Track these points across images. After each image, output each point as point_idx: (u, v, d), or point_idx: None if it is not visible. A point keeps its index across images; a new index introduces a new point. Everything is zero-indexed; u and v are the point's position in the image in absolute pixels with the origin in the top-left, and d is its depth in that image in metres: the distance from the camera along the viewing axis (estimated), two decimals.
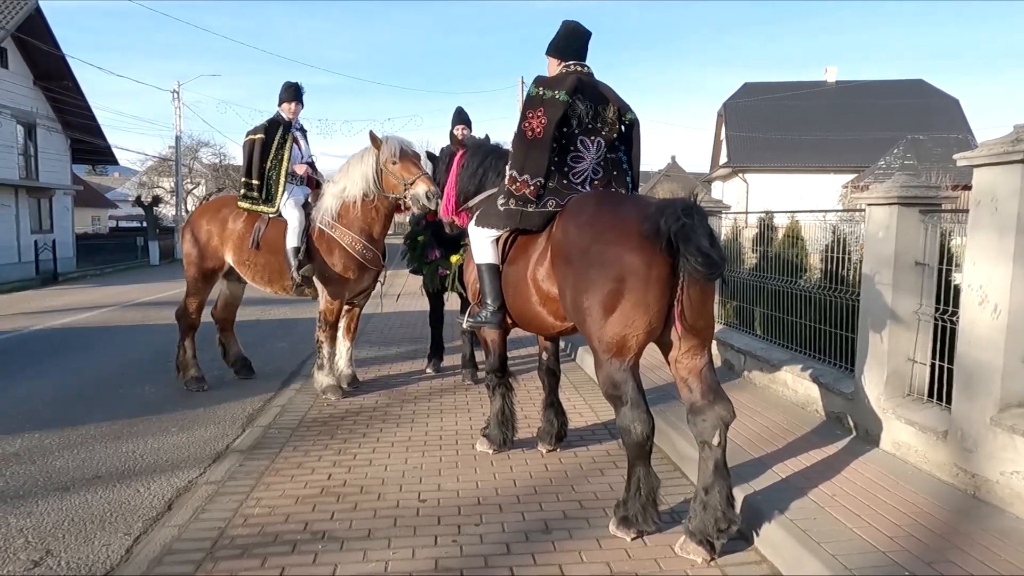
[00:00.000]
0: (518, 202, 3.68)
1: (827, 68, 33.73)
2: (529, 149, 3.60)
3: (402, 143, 5.35)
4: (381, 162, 5.34)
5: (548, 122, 3.55)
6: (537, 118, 3.57)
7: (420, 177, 5.22)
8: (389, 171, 5.33)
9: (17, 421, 5.17)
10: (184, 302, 6.06)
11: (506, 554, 3.07)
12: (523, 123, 3.63)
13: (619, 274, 3.01)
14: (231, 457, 4.31)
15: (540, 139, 3.57)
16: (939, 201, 3.84)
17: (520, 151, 3.63)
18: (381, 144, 5.32)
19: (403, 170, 5.27)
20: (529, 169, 3.59)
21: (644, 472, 3.12)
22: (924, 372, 3.84)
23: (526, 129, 3.60)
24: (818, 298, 4.91)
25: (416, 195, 5.21)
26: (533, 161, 3.59)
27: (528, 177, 3.60)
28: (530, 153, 3.60)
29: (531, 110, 3.61)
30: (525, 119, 3.62)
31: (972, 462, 3.27)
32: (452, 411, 5.30)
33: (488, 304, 4.03)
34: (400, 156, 5.27)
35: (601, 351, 3.12)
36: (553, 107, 3.57)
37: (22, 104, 22.41)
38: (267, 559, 3.02)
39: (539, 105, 3.60)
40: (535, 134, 3.58)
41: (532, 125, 3.58)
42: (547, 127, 3.55)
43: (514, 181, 3.63)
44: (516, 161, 3.65)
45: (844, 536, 2.91)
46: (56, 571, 2.98)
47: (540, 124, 3.56)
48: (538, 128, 3.57)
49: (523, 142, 3.62)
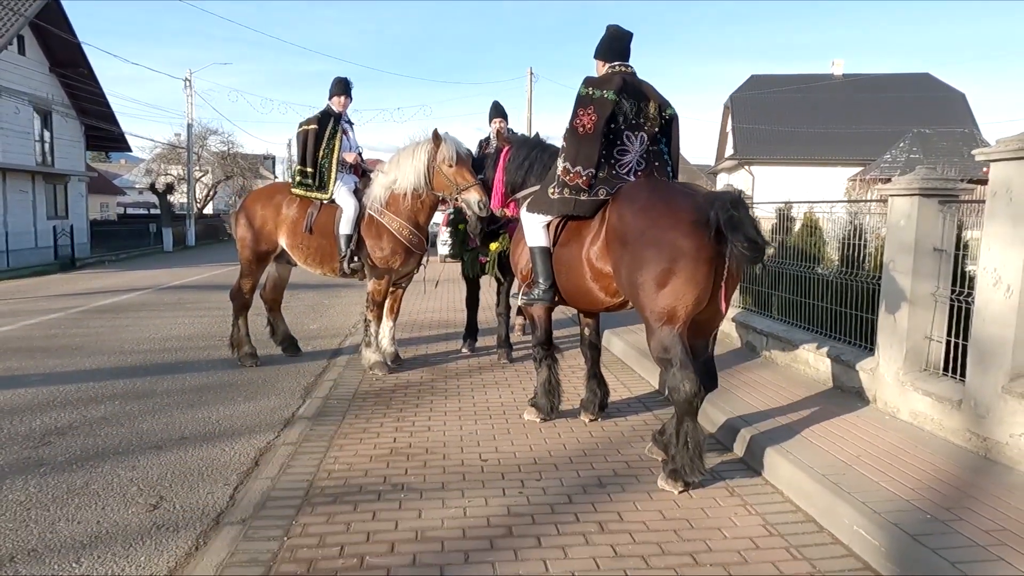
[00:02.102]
0: (571, 191, 4.05)
1: (834, 61, 33.92)
2: (580, 143, 3.98)
3: (459, 146, 5.59)
4: (437, 161, 5.57)
5: (598, 119, 3.94)
6: (588, 115, 3.95)
7: (474, 185, 5.46)
8: (443, 172, 5.55)
9: (94, 390, 5.56)
10: (238, 283, 6.42)
11: (568, 503, 3.46)
12: (574, 120, 4.00)
13: (673, 255, 3.43)
14: (300, 423, 4.68)
15: (591, 134, 3.95)
16: (957, 192, 4.20)
17: (572, 145, 4.00)
18: (441, 143, 5.55)
19: (458, 174, 5.51)
20: (581, 161, 3.97)
21: (692, 427, 3.52)
22: (940, 349, 4.22)
23: (577, 125, 3.98)
24: (836, 282, 5.29)
25: (468, 201, 5.49)
26: (584, 154, 3.97)
27: (580, 168, 3.97)
28: (581, 147, 3.97)
29: (582, 108, 3.99)
30: (576, 116, 3.99)
31: (984, 427, 3.65)
32: (494, 386, 5.68)
33: (540, 283, 4.44)
34: (457, 161, 5.51)
35: (654, 320, 3.53)
36: (602, 105, 3.95)
37: (39, 91, 22.69)
38: (358, 505, 3.41)
39: (589, 103, 3.98)
40: (586, 130, 3.96)
41: (583, 121, 3.96)
42: (597, 123, 3.94)
43: (567, 172, 3.99)
44: (569, 154, 4.02)
45: (871, 488, 3.29)
46: (174, 513, 3.37)
47: (591, 120, 3.95)
48: (588, 124, 3.95)
49: (575, 137, 3.99)
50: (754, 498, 3.51)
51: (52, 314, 9.76)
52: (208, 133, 38.62)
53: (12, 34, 20.23)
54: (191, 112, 31.36)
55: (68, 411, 4.98)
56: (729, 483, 3.70)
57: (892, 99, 30.38)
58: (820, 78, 32.62)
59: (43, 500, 3.51)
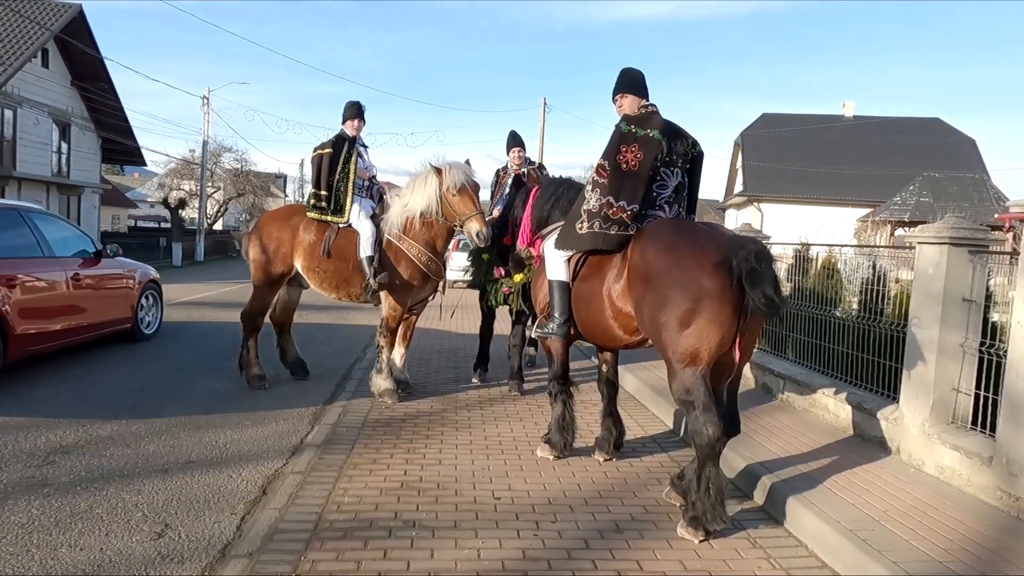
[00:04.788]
0: (603, 224, 4.01)
1: (844, 103, 34.14)
2: (624, 179, 3.98)
3: (465, 174, 5.61)
4: (443, 189, 5.61)
5: (644, 157, 3.97)
6: (632, 152, 3.97)
7: (475, 215, 5.51)
8: (448, 200, 5.61)
9: (101, 408, 5.47)
10: (250, 305, 6.37)
11: (585, 548, 3.34)
12: (618, 156, 4.00)
13: (697, 295, 3.38)
14: (308, 451, 4.59)
15: (635, 171, 3.97)
16: (987, 243, 4.14)
17: (616, 180, 4.00)
18: (443, 173, 5.59)
19: (460, 203, 5.56)
20: (625, 196, 3.97)
21: (714, 472, 3.42)
22: (968, 401, 4.12)
23: (621, 162, 3.99)
24: (855, 326, 5.20)
25: (468, 230, 5.54)
26: (628, 190, 3.97)
27: (625, 203, 3.97)
28: (624, 183, 3.98)
29: (624, 145, 4.00)
30: (619, 152, 4.00)
31: (1017, 486, 3.53)
32: (505, 419, 5.58)
33: (556, 317, 4.40)
34: (459, 190, 5.55)
35: (676, 360, 3.47)
36: (648, 145, 3.98)
37: (59, 103, 23.03)
38: (368, 542, 3.30)
39: (633, 141, 3.99)
40: (630, 167, 3.97)
41: (627, 159, 3.97)
42: (643, 161, 3.97)
43: (610, 206, 3.97)
44: (612, 189, 4.00)
45: (901, 547, 3.17)
46: (179, 543, 3.27)
47: (636, 159, 3.96)
48: (633, 162, 3.97)
49: (618, 173, 3.99)
50: (777, 551, 3.39)
51: None
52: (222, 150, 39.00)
53: (37, 47, 20.59)
54: (207, 129, 31.70)
55: (73, 429, 4.90)
56: (751, 533, 3.59)
57: (902, 142, 30.51)
58: (830, 119, 32.84)
59: (46, 523, 3.41)
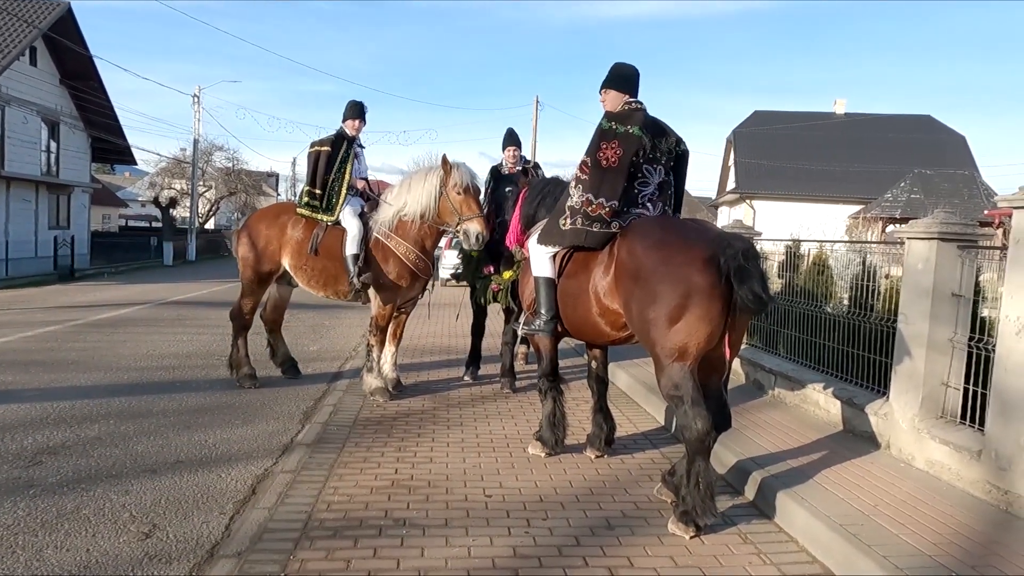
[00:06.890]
0: (585, 222, 4.00)
1: (836, 100, 34.27)
2: (604, 175, 3.95)
3: (471, 175, 5.58)
4: (447, 187, 5.54)
5: (624, 153, 3.94)
6: (612, 149, 3.94)
7: (477, 217, 5.47)
8: (450, 199, 5.54)
9: (88, 408, 5.43)
10: (239, 303, 6.33)
11: (576, 545, 3.33)
12: (598, 153, 3.98)
13: (686, 291, 3.39)
14: (298, 450, 4.56)
15: (615, 168, 3.94)
16: (976, 238, 4.15)
17: (595, 177, 3.97)
18: (451, 170, 5.54)
19: (463, 203, 5.50)
20: (604, 193, 3.94)
21: (703, 467, 3.43)
22: (957, 396, 4.13)
23: (601, 158, 3.96)
24: (845, 322, 5.21)
25: (467, 231, 5.46)
26: (608, 186, 3.94)
27: (604, 200, 3.94)
28: (605, 179, 3.95)
29: (605, 142, 3.97)
30: (600, 149, 3.97)
31: (1006, 480, 3.54)
32: (497, 417, 5.57)
33: (543, 314, 4.39)
34: (464, 190, 5.50)
35: (664, 356, 3.47)
36: (628, 141, 3.95)
37: (47, 102, 22.80)
38: (358, 540, 3.28)
39: (613, 138, 3.96)
40: (610, 163, 3.94)
41: (607, 155, 3.94)
42: (622, 158, 3.94)
43: (590, 203, 3.95)
44: (591, 186, 3.98)
45: (891, 541, 3.17)
46: (167, 543, 3.24)
47: (615, 155, 3.94)
48: (613, 158, 3.94)
49: (599, 170, 3.96)
50: (768, 546, 3.39)
51: (50, 327, 9.63)
52: (214, 149, 38.86)
53: (25, 46, 20.37)
54: (198, 128, 31.52)
55: (61, 429, 4.86)
56: (741, 529, 3.59)
57: (893, 139, 30.64)
58: (822, 116, 32.95)
59: (31, 524, 3.38)
